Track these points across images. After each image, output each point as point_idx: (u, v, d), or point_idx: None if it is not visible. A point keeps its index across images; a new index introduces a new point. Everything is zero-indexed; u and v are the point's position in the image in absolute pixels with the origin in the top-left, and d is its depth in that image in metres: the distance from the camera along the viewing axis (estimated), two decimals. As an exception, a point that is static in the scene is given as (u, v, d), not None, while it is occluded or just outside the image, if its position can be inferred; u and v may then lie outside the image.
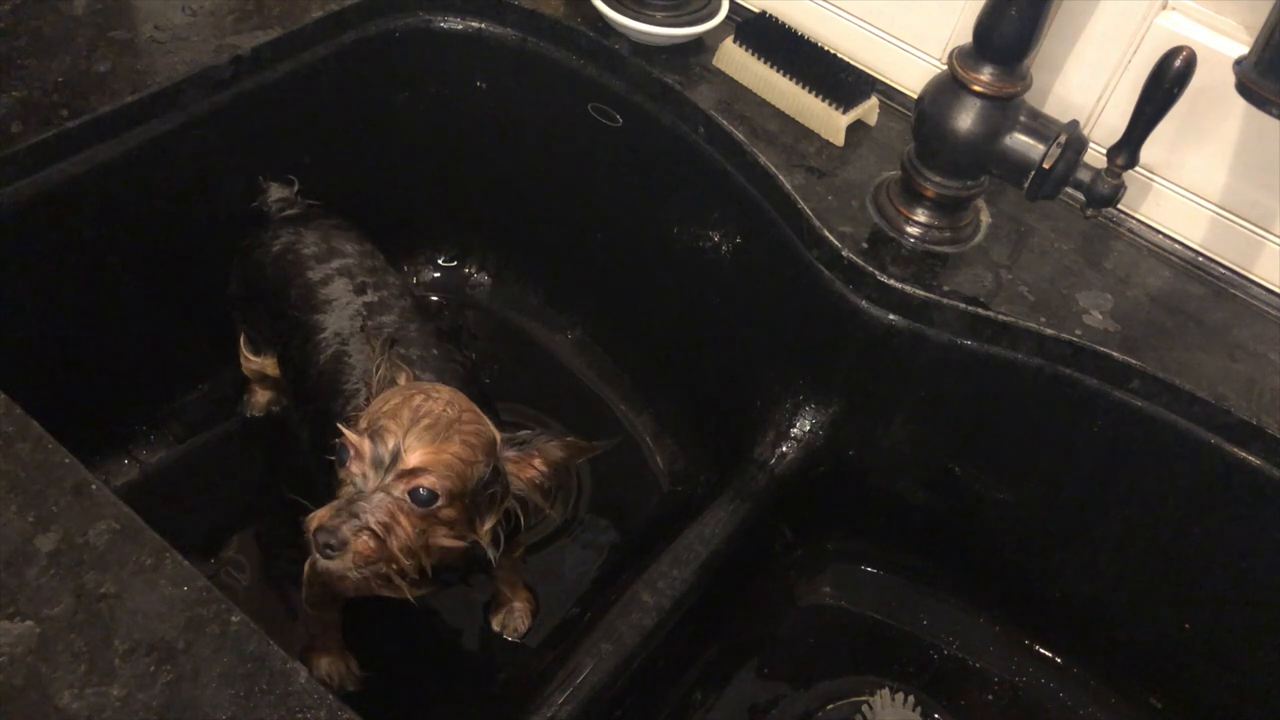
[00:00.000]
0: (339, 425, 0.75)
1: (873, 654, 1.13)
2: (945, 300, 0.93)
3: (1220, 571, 0.95)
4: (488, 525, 0.79)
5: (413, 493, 0.73)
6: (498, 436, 0.78)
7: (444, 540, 0.77)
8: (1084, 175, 0.86)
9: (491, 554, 0.81)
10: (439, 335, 0.95)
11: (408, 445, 0.72)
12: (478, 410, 0.78)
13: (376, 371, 0.81)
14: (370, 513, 0.72)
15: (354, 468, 0.74)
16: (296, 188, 1.07)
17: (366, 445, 0.73)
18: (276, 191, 1.06)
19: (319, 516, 0.72)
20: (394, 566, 0.74)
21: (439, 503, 0.74)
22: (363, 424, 0.75)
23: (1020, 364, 0.93)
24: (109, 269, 1.02)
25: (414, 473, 0.72)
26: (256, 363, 1.10)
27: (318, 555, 0.72)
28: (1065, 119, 0.89)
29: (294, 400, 1.00)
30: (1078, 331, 0.91)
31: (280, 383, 1.08)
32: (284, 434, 1.17)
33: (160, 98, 0.96)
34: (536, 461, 0.80)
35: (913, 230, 0.97)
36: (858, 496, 1.11)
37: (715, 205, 1.08)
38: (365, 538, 0.72)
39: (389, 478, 0.72)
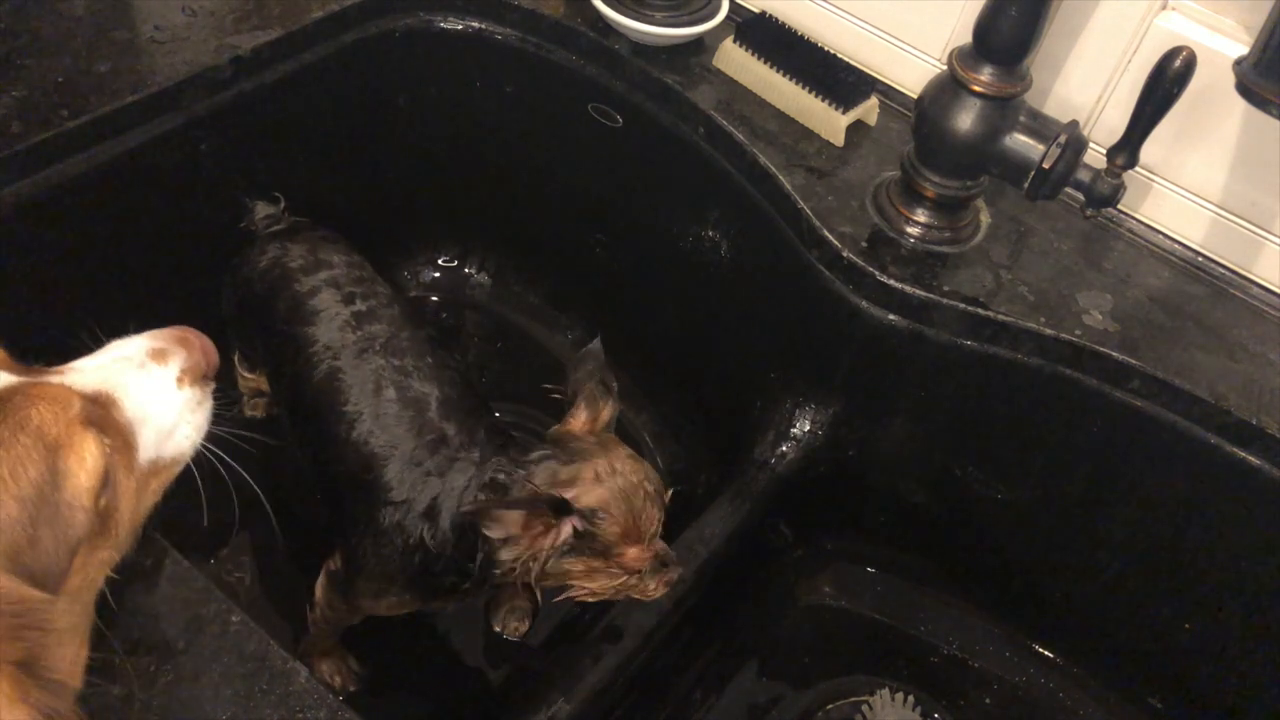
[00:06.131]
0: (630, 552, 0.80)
1: (873, 654, 1.13)
2: (945, 300, 0.93)
3: (1220, 571, 0.95)
4: None
5: None
6: None
7: None
8: (1084, 175, 0.86)
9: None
10: (431, 343, 0.94)
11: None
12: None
13: (580, 392, 0.86)
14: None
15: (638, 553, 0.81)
16: (283, 204, 1.06)
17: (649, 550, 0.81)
18: (263, 209, 1.05)
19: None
20: None
21: None
22: (617, 513, 0.79)
23: (1020, 364, 0.93)
24: (109, 269, 1.02)
25: None
26: (252, 379, 1.10)
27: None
28: (1065, 119, 0.89)
29: (290, 417, 0.99)
30: (1078, 331, 0.91)
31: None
32: (283, 435, 1.17)
33: (160, 98, 0.96)
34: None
35: (913, 230, 0.97)
36: (858, 496, 1.11)
37: (715, 205, 1.08)
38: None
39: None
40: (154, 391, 0.62)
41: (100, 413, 0.57)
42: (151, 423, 0.61)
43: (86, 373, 0.60)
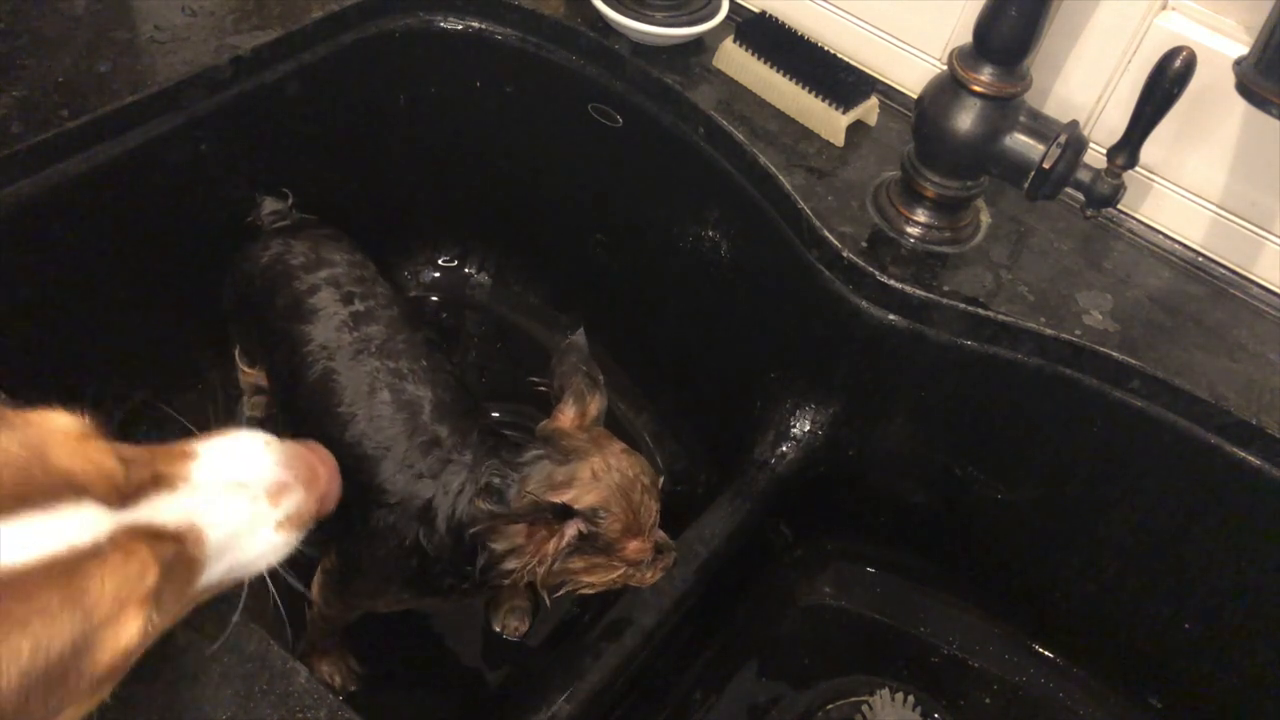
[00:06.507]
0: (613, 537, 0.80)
1: (873, 654, 1.13)
2: (945, 300, 0.93)
3: (1220, 571, 0.95)
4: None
5: None
6: None
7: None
8: (1084, 175, 0.86)
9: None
10: (428, 346, 0.94)
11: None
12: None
13: (567, 386, 0.86)
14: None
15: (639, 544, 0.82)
16: (290, 201, 1.06)
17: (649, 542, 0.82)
18: (270, 204, 1.05)
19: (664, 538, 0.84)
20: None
21: None
22: (618, 510, 0.79)
23: (1020, 364, 0.93)
24: (110, 269, 1.02)
25: None
26: (252, 374, 1.10)
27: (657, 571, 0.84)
28: (1065, 119, 0.89)
29: (285, 415, 0.98)
30: (1078, 331, 0.91)
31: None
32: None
33: (160, 98, 0.96)
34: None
35: (913, 230, 0.97)
36: (858, 496, 1.11)
37: (715, 205, 1.08)
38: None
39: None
40: (249, 533, 0.56)
41: (177, 551, 0.50)
42: (229, 558, 0.55)
43: (197, 491, 0.53)
